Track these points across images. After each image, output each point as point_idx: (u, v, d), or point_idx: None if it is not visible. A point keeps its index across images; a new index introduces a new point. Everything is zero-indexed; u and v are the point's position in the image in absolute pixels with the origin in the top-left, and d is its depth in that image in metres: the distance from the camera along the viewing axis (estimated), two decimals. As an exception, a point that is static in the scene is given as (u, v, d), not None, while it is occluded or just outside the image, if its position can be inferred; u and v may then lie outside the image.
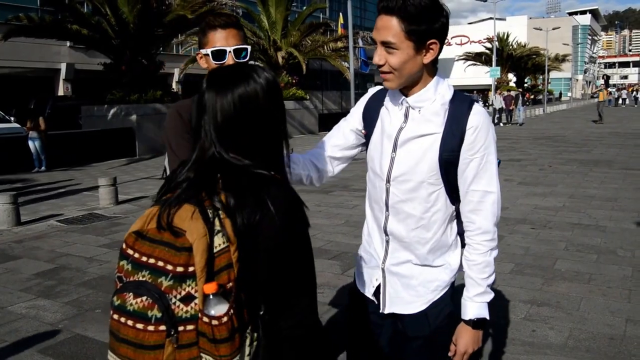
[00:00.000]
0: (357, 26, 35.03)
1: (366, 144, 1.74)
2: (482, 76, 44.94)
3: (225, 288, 1.04)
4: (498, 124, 26.05)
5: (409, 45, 1.46)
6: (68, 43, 24.64)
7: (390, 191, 1.62)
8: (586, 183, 9.13)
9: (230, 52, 1.79)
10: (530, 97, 51.58)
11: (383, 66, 1.51)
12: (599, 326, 3.58)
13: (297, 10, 30.31)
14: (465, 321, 1.61)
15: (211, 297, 1.01)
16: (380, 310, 1.70)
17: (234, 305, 1.03)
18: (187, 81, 31.01)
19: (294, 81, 22.85)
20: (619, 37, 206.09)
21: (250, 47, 1.86)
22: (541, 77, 56.84)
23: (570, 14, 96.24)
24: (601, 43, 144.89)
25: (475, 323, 1.60)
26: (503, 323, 3.67)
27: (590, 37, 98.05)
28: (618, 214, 6.76)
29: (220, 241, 1.05)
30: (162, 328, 1.02)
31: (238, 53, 1.81)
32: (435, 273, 1.64)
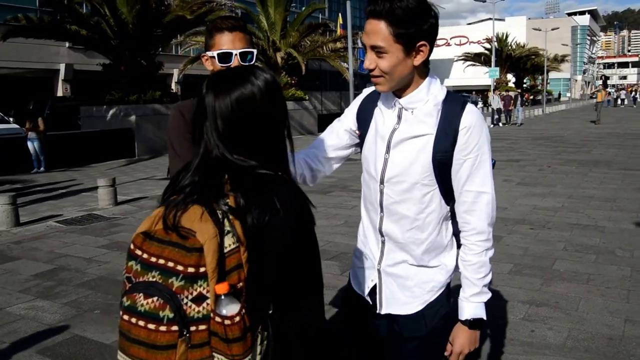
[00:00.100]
0: (356, 27, 34.90)
1: (360, 145, 1.74)
2: (482, 76, 44.89)
3: (236, 288, 1.05)
4: (497, 125, 25.94)
5: (399, 48, 1.46)
6: (67, 44, 24.61)
7: (384, 192, 1.62)
8: (585, 183, 9.13)
9: (236, 55, 1.80)
10: (529, 98, 51.60)
11: (374, 70, 1.51)
12: (598, 326, 3.59)
13: (296, 10, 30.32)
14: (462, 321, 1.62)
15: (223, 297, 1.02)
16: (376, 310, 1.70)
17: (245, 304, 1.04)
18: (186, 82, 31.01)
19: (293, 82, 22.86)
20: (618, 38, 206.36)
21: (256, 51, 1.86)
22: (540, 78, 56.91)
23: (569, 15, 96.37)
24: (600, 43, 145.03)
25: (471, 323, 1.60)
26: (502, 323, 3.67)
27: (589, 38, 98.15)
28: (617, 214, 6.77)
29: (230, 242, 1.06)
30: (175, 328, 1.03)
31: (244, 56, 1.82)
32: (431, 274, 1.64)
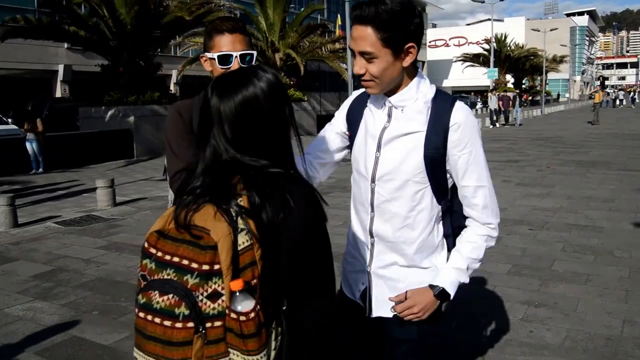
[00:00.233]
0: (355, 27, 34.92)
1: (350, 146, 1.75)
2: (480, 77, 44.92)
3: (250, 285, 1.06)
4: (494, 125, 25.84)
5: (387, 52, 1.47)
6: (65, 44, 24.60)
7: (375, 191, 1.62)
8: (584, 184, 9.14)
9: (236, 57, 1.80)
10: (528, 98, 51.64)
11: (364, 75, 1.52)
12: (596, 327, 3.59)
13: (295, 11, 30.31)
14: (431, 285, 1.60)
15: (238, 294, 1.04)
16: (367, 314, 1.69)
17: (260, 301, 1.06)
18: (185, 83, 31.02)
19: (292, 82, 22.88)
20: (617, 38, 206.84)
21: (255, 52, 1.87)
22: (539, 78, 56.98)
23: (567, 15, 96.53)
24: (599, 44, 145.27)
25: (440, 292, 1.58)
26: (500, 324, 3.67)
27: (587, 38, 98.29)
28: (615, 215, 6.77)
29: (243, 239, 1.07)
30: (190, 325, 1.04)
31: (244, 58, 1.82)
32: (422, 276, 1.63)
